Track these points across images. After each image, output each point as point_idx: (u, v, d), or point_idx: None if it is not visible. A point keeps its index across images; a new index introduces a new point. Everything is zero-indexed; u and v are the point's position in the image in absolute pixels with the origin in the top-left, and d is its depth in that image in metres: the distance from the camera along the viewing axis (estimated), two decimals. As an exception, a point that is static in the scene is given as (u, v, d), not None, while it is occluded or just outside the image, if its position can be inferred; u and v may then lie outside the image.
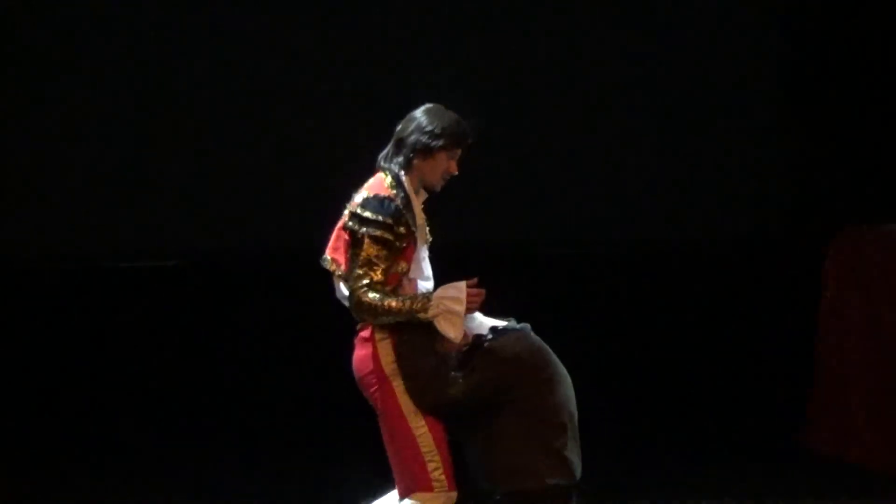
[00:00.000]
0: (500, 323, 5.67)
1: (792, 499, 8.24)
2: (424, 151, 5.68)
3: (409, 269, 5.56)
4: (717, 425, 10.04)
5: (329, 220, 5.87)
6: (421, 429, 5.54)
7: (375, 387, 5.58)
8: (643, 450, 9.14)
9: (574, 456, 5.55)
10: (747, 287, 11.15)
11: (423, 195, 5.74)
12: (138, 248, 11.57)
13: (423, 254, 5.73)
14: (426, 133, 5.70)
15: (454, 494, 5.64)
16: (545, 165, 12.24)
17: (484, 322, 5.68)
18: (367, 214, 5.53)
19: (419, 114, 5.74)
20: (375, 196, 5.57)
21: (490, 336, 5.55)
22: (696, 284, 11.22)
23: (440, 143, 5.68)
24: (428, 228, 5.79)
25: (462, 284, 5.50)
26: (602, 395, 7.52)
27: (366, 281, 5.51)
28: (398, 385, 5.54)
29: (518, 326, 5.69)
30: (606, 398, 8.09)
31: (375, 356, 5.58)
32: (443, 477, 5.57)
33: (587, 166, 12.26)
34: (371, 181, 5.68)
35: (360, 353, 5.64)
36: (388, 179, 5.63)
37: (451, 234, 7.47)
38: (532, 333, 5.69)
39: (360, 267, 5.53)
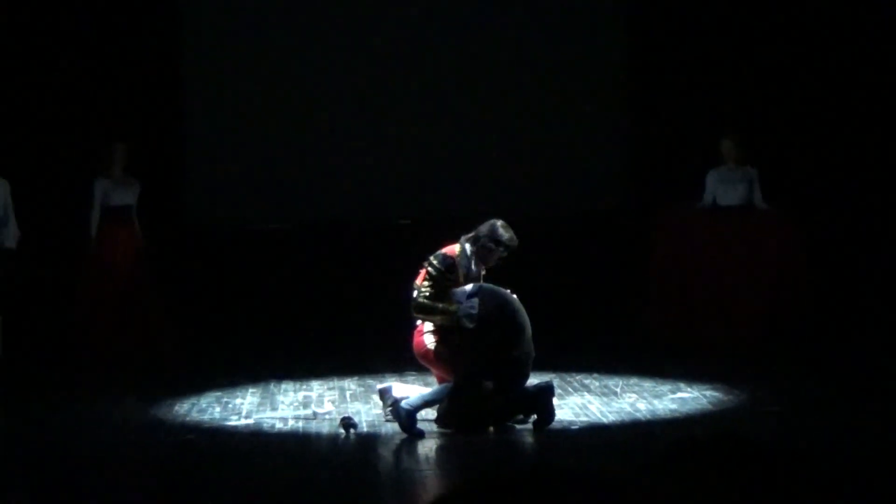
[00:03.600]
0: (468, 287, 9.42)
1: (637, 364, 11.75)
2: (487, 248, 9.53)
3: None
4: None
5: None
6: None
7: (425, 355, 9.54)
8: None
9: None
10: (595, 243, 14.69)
11: (483, 268, 9.56)
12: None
13: (469, 283, 9.43)
14: (492, 241, 9.49)
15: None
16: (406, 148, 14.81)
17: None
18: (432, 262, 9.49)
19: (498, 226, 9.43)
20: (443, 253, 9.52)
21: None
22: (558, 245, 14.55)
23: (497, 248, 9.50)
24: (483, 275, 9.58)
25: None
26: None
27: (423, 292, 9.44)
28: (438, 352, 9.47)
29: (481, 286, 9.38)
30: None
31: (422, 343, 9.51)
32: None
33: (451, 149, 14.75)
34: (449, 246, 9.55)
35: (417, 340, 9.59)
36: (460, 249, 9.48)
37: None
38: (487, 288, 9.39)
39: (424, 286, 9.47)
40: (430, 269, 9.46)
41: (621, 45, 15.02)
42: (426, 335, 9.56)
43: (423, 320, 9.50)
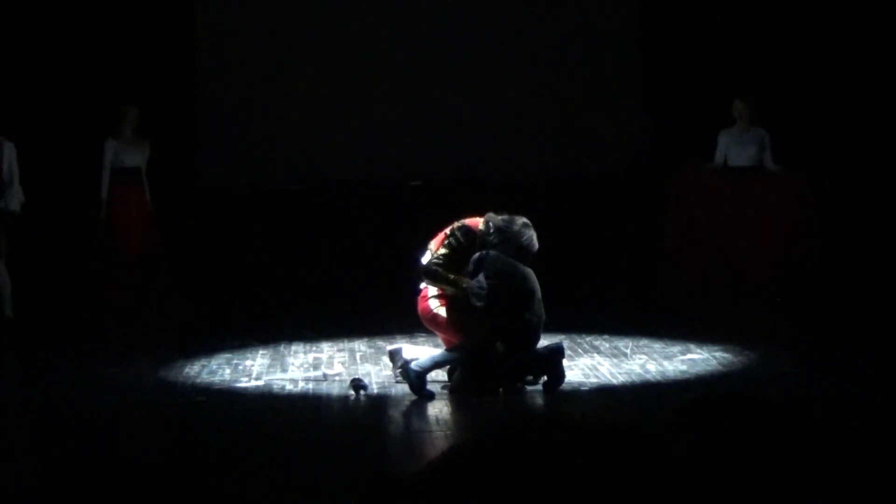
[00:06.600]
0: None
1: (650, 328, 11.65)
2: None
3: None
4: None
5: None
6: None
7: (432, 320, 9.44)
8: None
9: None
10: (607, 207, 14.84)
11: None
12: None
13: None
14: (516, 238, 9.24)
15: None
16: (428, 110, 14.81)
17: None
18: (455, 231, 9.39)
19: (529, 230, 9.29)
20: (467, 225, 9.39)
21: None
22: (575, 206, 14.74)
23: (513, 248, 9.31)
24: None
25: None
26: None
27: (435, 260, 9.34)
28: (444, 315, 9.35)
29: (487, 253, 9.22)
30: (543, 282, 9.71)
31: (428, 307, 9.41)
32: None
33: (473, 113, 14.79)
34: (475, 218, 9.39)
35: (423, 305, 9.49)
36: (483, 226, 9.30)
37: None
38: (493, 255, 9.21)
39: (439, 253, 9.34)
40: (450, 238, 9.38)
41: (635, 6, 14.98)
42: (431, 300, 9.50)
43: (430, 285, 9.45)
